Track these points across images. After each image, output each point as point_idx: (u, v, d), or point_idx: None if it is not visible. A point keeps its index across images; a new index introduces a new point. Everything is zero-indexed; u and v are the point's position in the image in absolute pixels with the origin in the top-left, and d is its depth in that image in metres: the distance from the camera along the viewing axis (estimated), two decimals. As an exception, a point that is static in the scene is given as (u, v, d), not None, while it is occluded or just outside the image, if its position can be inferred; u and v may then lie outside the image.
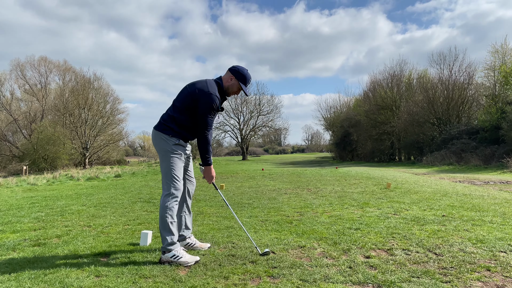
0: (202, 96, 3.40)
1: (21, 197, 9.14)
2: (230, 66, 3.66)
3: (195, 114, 3.47)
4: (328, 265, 3.15)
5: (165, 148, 3.47)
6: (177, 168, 3.50)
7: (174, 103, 3.58)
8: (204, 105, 3.39)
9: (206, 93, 3.40)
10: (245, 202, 6.80)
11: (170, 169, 3.47)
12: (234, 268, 3.10)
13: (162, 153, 3.49)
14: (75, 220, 5.50)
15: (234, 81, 3.58)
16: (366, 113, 42.11)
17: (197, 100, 3.41)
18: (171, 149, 3.48)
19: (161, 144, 3.49)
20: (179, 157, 3.52)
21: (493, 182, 11.97)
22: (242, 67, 3.62)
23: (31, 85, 43.63)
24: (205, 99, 3.39)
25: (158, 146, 3.54)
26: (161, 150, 3.50)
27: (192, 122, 3.52)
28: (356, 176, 12.19)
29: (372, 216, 5.19)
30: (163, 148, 3.48)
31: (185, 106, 3.47)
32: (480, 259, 3.25)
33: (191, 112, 3.47)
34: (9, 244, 4.12)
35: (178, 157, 3.51)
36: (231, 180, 11.93)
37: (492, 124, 26.14)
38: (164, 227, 3.39)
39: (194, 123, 3.51)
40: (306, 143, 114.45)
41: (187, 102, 3.46)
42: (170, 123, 3.50)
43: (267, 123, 62.82)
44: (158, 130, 3.53)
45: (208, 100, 3.39)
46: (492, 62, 30.33)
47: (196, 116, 3.46)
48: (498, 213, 5.37)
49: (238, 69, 3.59)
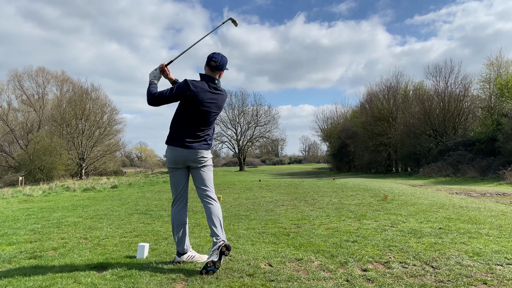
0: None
1: (17, 209, 9.08)
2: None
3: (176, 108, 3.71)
4: (326, 278, 3.14)
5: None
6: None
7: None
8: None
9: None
10: (242, 214, 6.79)
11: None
12: (231, 281, 3.10)
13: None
14: (71, 232, 5.47)
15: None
16: (363, 125, 42.29)
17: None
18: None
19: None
20: (171, 173, 3.78)
21: (489, 194, 12.01)
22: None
23: (29, 95, 43.64)
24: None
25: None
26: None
27: (176, 117, 3.69)
28: (353, 188, 12.20)
29: (369, 229, 5.20)
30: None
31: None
32: (476, 272, 3.26)
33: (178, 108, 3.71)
34: (5, 256, 4.09)
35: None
36: (228, 192, 11.91)
37: (488, 136, 26.30)
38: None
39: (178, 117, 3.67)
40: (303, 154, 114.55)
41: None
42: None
43: (264, 134, 62.99)
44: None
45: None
46: (488, 74, 30.71)
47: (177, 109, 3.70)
48: (494, 225, 5.38)
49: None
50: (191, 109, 3.57)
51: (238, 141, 62.06)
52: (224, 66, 3.71)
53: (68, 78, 45.91)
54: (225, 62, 3.72)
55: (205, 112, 3.60)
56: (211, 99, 3.61)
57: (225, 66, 3.74)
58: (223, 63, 3.68)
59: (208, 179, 3.78)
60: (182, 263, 3.65)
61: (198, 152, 3.63)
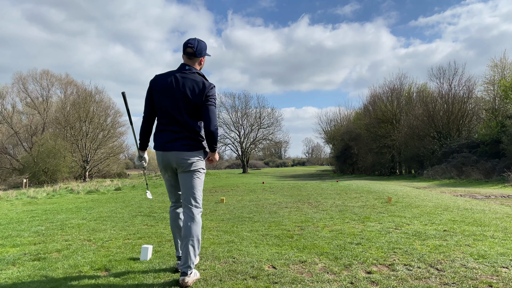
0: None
1: (21, 211, 9.11)
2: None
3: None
4: (330, 281, 3.13)
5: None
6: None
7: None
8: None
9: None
10: (246, 216, 6.78)
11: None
12: (235, 284, 3.09)
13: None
14: (75, 234, 5.48)
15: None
16: (366, 127, 42.23)
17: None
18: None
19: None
20: (163, 177, 3.53)
21: (494, 196, 11.94)
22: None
23: (33, 98, 43.90)
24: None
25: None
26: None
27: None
28: (357, 190, 12.16)
29: (373, 231, 5.18)
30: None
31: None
32: (482, 274, 3.24)
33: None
34: (9, 258, 4.10)
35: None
36: (231, 194, 11.91)
37: (492, 138, 26.18)
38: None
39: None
40: (307, 156, 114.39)
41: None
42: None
43: (268, 136, 63.01)
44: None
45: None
46: (492, 76, 30.58)
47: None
48: (499, 227, 5.35)
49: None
50: (160, 101, 3.24)
51: (241, 143, 62.10)
52: (202, 51, 3.36)
53: (72, 81, 46.21)
54: (203, 47, 3.36)
55: (173, 98, 3.19)
56: (178, 82, 3.20)
57: (204, 51, 3.38)
58: (201, 48, 3.33)
59: (191, 187, 3.30)
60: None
61: (179, 153, 3.23)
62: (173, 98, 3.19)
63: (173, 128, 3.24)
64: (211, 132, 3.21)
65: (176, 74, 3.25)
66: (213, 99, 3.28)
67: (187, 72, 3.27)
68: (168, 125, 3.25)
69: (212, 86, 3.29)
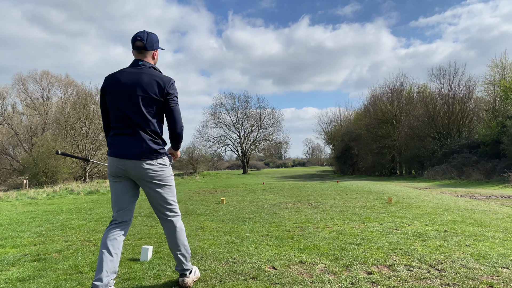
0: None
1: (21, 211, 9.11)
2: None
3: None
4: (330, 281, 3.13)
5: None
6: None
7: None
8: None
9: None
10: (246, 217, 6.78)
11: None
12: (235, 284, 3.08)
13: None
14: (75, 235, 5.48)
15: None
16: (366, 127, 42.23)
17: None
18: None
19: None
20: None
21: (494, 197, 11.93)
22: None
23: (33, 99, 43.93)
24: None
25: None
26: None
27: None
28: (357, 190, 12.16)
29: (374, 231, 5.17)
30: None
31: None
32: (482, 275, 3.23)
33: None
34: (9, 259, 4.10)
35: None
36: (232, 194, 11.90)
37: (492, 138, 26.17)
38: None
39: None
40: (307, 156, 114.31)
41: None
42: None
43: (268, 137, 62.98)
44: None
45: None
46: (492, 76, 30.58)
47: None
48: (500, 228, 5.34)
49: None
50: (114, 103, 2.86)
51: (242, 144, 62.09)
52: (154, 43, 3.02)
53: (72, 82, 46.23)
54: (154, 39, 3.02)
55: (129, 97, 2.81)
56: (133, 79, 2.84)
57: (156, 43, 3.05)
58: (151, 40, 2.99)
59: (162, 200, 2.97)
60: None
61: (138, 162, 2.82)
62: (129, 97, 2.81)
63: (130, 131, 2.83)
64: (177, 135, 2.96)
65: (129, 71, 2.90)
66: (175, 97, 2.94)
67: (141, 67, 2.92)
68: (125, 129, 2.84)
69: (172, 82, 2.94)
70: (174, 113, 2.91)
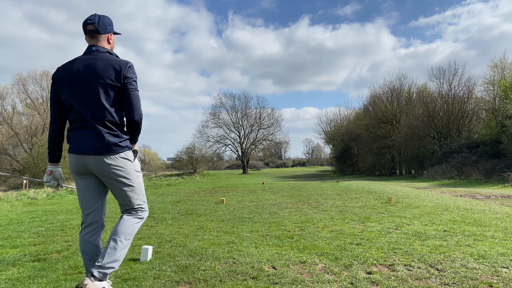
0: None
1: (21, 212, 9.11)
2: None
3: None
4: (330, 281, 3.13)
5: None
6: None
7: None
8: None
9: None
10: (246, 217, 6.78)
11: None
12: (235, 284, 3.09)
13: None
14: (75, 235, 5.48)
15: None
16: (366, 127, 42.22)
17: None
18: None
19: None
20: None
21: (494, 197, 11.93)
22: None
23: (33, 99, 43.88)
24: None
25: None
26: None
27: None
28: (357, 190, 12.16)
29: (374, 231, 5.18)
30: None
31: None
32: (482, 275, 3.24)
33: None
34: (9, 259, 4.10)
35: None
36: (231, 194, 11.90)
37: (492, 138, 26.18)
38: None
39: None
40: (307, 156, 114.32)
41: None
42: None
43: (268, 137, 62.96)
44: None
45: None
46: (492, 76, 30.56)
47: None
48: (499, 228, 5.35)
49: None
50: (67, 95, 2.62)
51: (241, 144, 62.08)
52: (107, 26, 2.79)
53: (72, 82, 46.19)
54: (107, 22, 2.79)
55: (84, 86, 2.58)
56: (87, 66, 2.61)
57: (110, 27, 2.82)
58: (104, 23, 2.76)
59: (128, 198, 2.73)
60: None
61: (99, 158, 2.59)
62: (84, 86, 2.59)
63: (86, 124, 2.59)
64: (135, 122, 2.68)
65: (82, 58, 2.67)
66: (134, 81, 2.70)
67: (95, 53, 2.69)
68: (82, 121, 2.60)
69: (130, 65, 2.70)
70: (132, 98, 2.65)
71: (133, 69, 2.71)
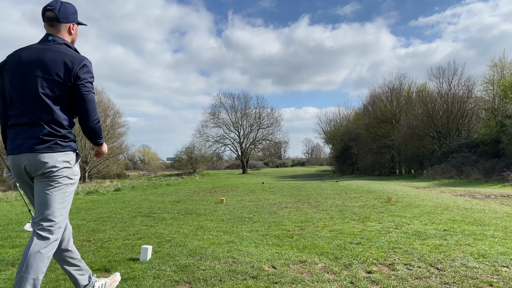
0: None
1: (20, 212, 9.10)
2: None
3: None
4: (330, 281, 3.13)
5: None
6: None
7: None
8: None
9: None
10: (246, 216, 6.78)
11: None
12: (235, 284, 3.08)
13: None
14: (74, 235, 5.47)
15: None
16: (366, 127, 42.28)
17: None
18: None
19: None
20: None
21: (494, 196, 11.93)
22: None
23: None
24: None
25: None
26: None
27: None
28: (357, 190, 12.16)
29: (373, 231, 5.17)
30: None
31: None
32: (482, 274, 3.23)
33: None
34: (8, 259, 4.09)
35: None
36: (231, 194, 11.90)
37: (492, 137, 26.21)
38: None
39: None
40: (306, 156, 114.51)
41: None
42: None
43: (267, 137, 63.11)
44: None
45: None
46: (491, 76, 30.62)
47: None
48: (499, 227, 5.35)
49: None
50: (9, 86, 2.38)
51: (241, 143, 62.16)
52: (69, 15, 2.51)
53: (72, 82, 46.15)
54: (69, 10, 2.51)
55: (27, 78, 2.33)
56: (35, 56, 2.36)
57: (73, 15, 2.55)
58: (65, 10, 2.48)
59: (45, 202, 2.34)
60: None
61: (32, 155, 2.31)
62: (26, 78, 2.33)
63: (26, 120, 2.33)
64: (90, 129, 2.45)
65: (34, 47, 2.41)
66: (89, 83, 2.41)
67: (50, 43, 2.42)
68: (21, 117, 2.35)
69: (85, 63, 2.41)
70: (86, 103, 2.37)
71: (88, 68, 2.43)
